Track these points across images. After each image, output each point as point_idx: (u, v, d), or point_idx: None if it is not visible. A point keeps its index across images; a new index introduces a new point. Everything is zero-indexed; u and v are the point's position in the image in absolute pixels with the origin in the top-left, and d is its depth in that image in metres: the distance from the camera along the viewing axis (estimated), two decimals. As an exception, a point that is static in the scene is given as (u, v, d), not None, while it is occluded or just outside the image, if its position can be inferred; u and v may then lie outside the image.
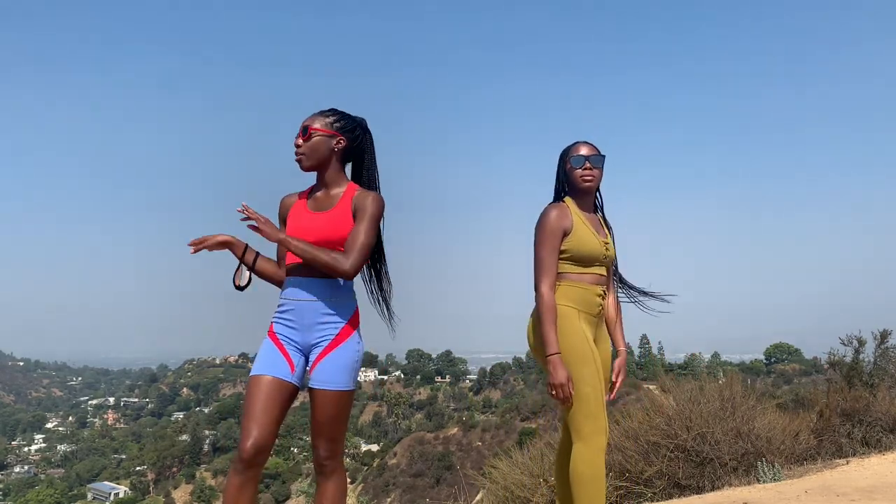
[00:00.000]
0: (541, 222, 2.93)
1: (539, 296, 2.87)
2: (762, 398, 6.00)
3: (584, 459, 2.78)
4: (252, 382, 2.51)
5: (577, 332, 2.85)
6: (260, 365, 2.53)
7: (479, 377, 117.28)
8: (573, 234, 2.91)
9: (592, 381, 2.80)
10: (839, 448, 5.66)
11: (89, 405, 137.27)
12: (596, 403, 2.80)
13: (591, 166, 2.97)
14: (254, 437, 2.39)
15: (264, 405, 2.45)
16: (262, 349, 2.58)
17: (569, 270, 2.93)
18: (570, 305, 2.88)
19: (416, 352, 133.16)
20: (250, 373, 2.54)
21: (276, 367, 2.52)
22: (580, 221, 2.95)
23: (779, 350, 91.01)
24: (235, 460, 2.42)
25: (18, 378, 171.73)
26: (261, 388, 2.47)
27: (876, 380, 6.43)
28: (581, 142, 3.05)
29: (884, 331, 6.78)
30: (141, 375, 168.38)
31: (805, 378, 48.34)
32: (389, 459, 61.21)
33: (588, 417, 2.79)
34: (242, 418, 2.46)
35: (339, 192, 2.65)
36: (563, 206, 2.97)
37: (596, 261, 2.95)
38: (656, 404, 5.63)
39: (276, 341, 2.57)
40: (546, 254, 2.89)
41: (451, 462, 53.36)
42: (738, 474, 5.01)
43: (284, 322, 2.60)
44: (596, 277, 2.96)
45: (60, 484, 79.09)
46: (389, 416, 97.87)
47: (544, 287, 2.86)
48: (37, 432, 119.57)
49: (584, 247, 2.90)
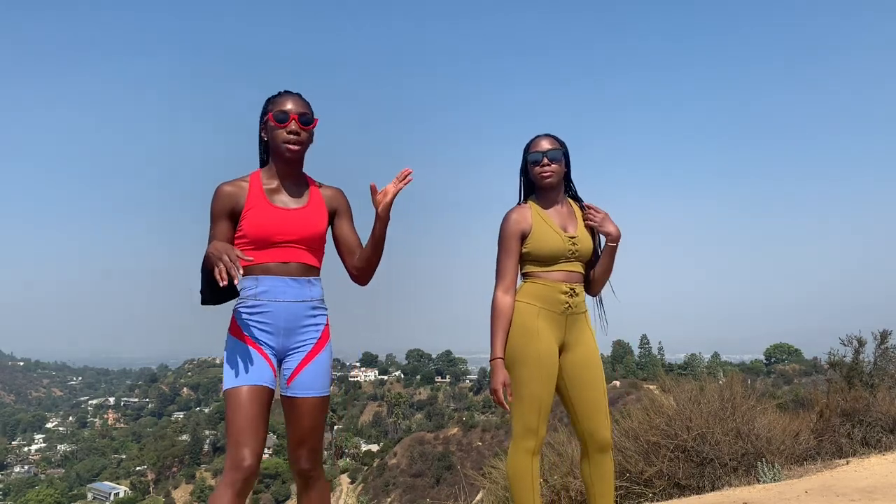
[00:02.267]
0: (500, 228, 2.91)
1: (493, 301, 2.86)
2: (762, 398, 6.00)
3: (509, 459, 2.85)
4: (242, 393, 2.30)
5: (527, 331, 2.81)
6: (248, 374, 2.33)
7: (479, 377, 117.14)
8: (532, 236, 2.86)
9: (530, 384, 2.77)
10: (839, 448, 5.66)
11: (89, 405, 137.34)
12: (530, 406, 2.77)
13: (549, 161, 2.88)
14: (256, 454, 2.24)
15: (261, 418, 2.29)
16: (240, 353, 2.36)
17: (534, 269, 2.90)
18: (529, 302, 2.85)
19: (416, 352, 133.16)
20: (235, 380, 2.32)
21: (262, 375, 2.36)
22: (541, 221, 2.89)
23: (779, 350, 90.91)
24: (237, 480, 2.22)
25: (18, 378, 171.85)
26: (253, 399, 2.30)
27: (876, 380, 6.43)
28: (541, 135, 2.95)
29: (884, 331, 6.78)
30: (141, 375, 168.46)
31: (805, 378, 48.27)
32: (389, 459, 61.20)
33: (520, 419, 2.79)
34: (240, 432, 2.25)
35: (306, 185, 2.56)
36: (523, 208, 2.94)
37: (560, 258, 2.87)
38: (656, 404, 5.62)
39: (254, 345, 2.39)
40: (503, 258, 2.89)
41: (451, 462, 53.32)
42: (738, 474, 5.00)
43: (257, 325, 2.41)
44: (564, 274, 2.88)
45: (60, 484, 79.14)
46: (389, 416, 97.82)
47: (498, 292, 2.86)
48: (37, 432, 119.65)
49: (543, 246, 2.85)
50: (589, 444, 2.91)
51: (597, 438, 2.88)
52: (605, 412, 2.92)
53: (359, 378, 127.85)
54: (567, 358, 2.90)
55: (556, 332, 2.86)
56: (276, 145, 2.47)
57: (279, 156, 2.49)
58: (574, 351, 2.90)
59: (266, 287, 2.41)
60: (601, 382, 2.94)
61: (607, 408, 2.95)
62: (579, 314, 2.92)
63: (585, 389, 2.89)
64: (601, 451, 2.90)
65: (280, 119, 2.44)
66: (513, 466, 2.81)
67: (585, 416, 2.89)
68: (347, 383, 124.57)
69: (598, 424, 2.88)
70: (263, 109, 2.54)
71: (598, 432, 2.88)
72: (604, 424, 2.90)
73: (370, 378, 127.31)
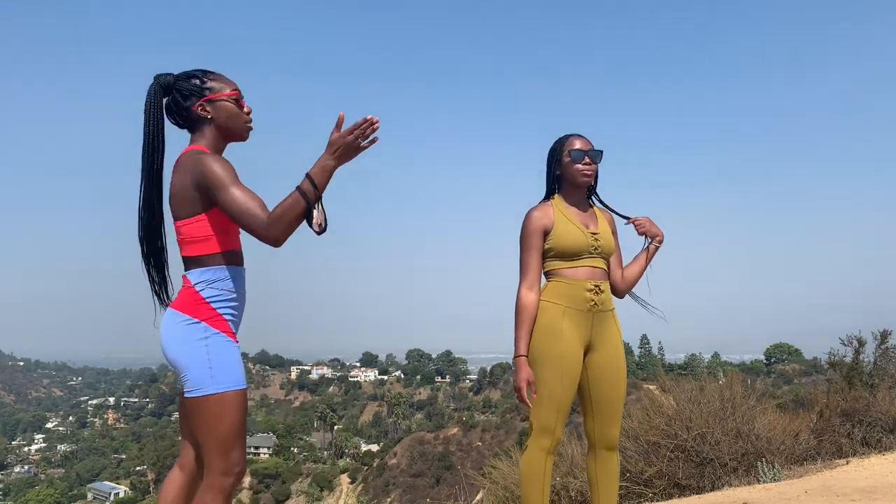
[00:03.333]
0: (522, 225, 2.92)
1: (516, 298, 2.86)
2: (762, 398, 6.00)
3: (523, 458, 2.85)
4: (244, 396, 2.25)
5: (551, 331, 2.80)
6: (243, 376, 2.26)
7: (479, 377, 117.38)
8: (554, 231, 2.86)
9: (551, 384, 2.77)
10: (839, 448, 5.66)
11: (89, 405, 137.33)
12: (549, 406, 2.77)
13: (591, 161, 2.91)
14: (244, 462, 2.22)
15: (246, 423, 2.26)
16: (235, 354, 2.26)
17: (558, 266, 2.88)
18: (553, 301, 2.84)
19: (416, 352, 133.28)
20: (239, 382, 2.23)
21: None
22: (563, 217, 2.89)
23: (779, 350, 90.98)
24: (229, 485, 2.18)
25: (18, 378, 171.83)
26: (246, 404, 2.27)
27: (876, 380, 6.43)
28: (575, 135, 2.96)
29: (884, 331, 6.78)
30: (141, 375, 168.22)
31: (805, 378, 48.31)
32: (389, 459, 61.18)
33: (537, 418, 2.79)
34: (239, 438, 2.21)
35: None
36: (545, 205, 2.94)
37: (583, 253, 2.87)
38: (656, 404, 5.62)
39: (238, 344, 2.31)
40: (525, 256, 2.88)
41: (451, 462, 53.33)
42: (738, 474, 5.00)
43: (234, 320, 2.31)
44: (588, 271, 2.87)
45: (60, 484, 79.10)
46: (389, 416, 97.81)
47: (522, 289, 2.86)
48: (37, 432, 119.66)
49: (565, 242, 2.84)
50: (598, 442, 2.92)
51: (609, 437, 2.91)
52: (622, 411, 2.95)
53: (359, 378, 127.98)
54: (593, 357, 2.89)
55: (582, 331, 2.84)
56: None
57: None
58: (600, 350, 2.90)
59: (236, 278, 2.33)
60: (624, 382, 2.94)
61: (622, 408, 2.97)
62: (606, 311, 2.91)
63: (608, 388, 2.90)
64: (609, 449, 2.92)
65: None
66: (527, 464, 2.82)
67: (601, 415, 2.90)
68: (347, 383, 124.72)
69: (613, 424, 2.91)
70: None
71: (612, 431, 2.91)
72: (617, 424, 2.92)
73: (370, 378, 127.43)
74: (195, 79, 2.37)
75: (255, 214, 2.12)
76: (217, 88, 2.37)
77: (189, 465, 2.39)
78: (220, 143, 2.40)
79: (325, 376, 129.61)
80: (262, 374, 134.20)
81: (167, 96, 2.38)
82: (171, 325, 2.24)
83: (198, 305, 2.23)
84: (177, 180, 2.27)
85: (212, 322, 2.23)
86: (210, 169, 2.18)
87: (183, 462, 2.41)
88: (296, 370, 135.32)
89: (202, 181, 2.19)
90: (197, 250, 2.26)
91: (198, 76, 2.38)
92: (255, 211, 2.13)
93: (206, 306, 2.23)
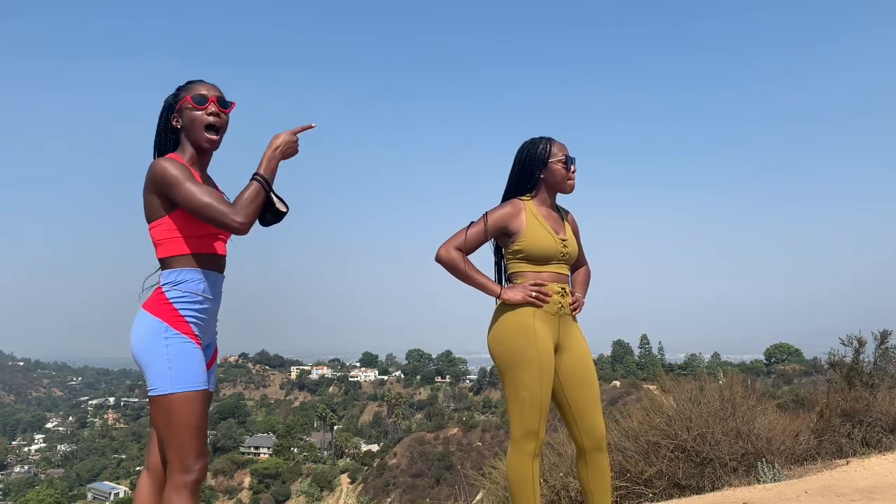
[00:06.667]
0: (491, 209, 2.91)
1: (441, 257, 2.84)
2: (762, 398, 5.99)
3: (510, 462, 2.82)
4: (202, 397, 2.26)
5: (526, 331, 2.80)
6: (203, 377, 2.27)
7: (479, 377, 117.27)
8: (525, 233, 2.86)
9: (531, 386, 2.75)
10: (839, 448, 5.65)
11: (89, 405, 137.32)
12: (531, 408, 2.75)
13: (574, 168, 2.97)
14: (205, 459, 2.23)
15: (206, 423, 2.26)
16: (196, 356, 2.27)
17: (524, 269, 2.89)
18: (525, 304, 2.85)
19: (416, 352, 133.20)
20: (197, 383, 2.24)
21: (209, 379, 2.34)
22: (535, 221, 2.89)
23: (779, 350, 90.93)
24: (191, 482, 2.19)
25: (18, 378, 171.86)
26: (205, 404, 2.27)
27: (876, 380, 6.42)
28: (555, 140, 2.98)
29: (884, 331, 6.77)
30: (141, 375, 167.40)
31: (805, 378, 48.24)
32: (389, 459, 61.14)
33: (520, 422, 2.77)
34: (196, 436, 2.21)
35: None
36: (519, 204, 2.93)
37: (552, 259, 2.89)
38: (656, 404, 5.62)
39: (200, 346, 2.31)
40: (471, 227, 2.87)
41: (451, 462, 53.32)
42: (738, 474, 5.00)
43: (198, 323, 2.32)
44: (553, 276, 2.89)
45: (60, 484, 79.04)
46: (389, 416, 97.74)
47: (441, 248, 2.85)
48: (37, 432, 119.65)
49: (537, 246, 2.85)
50: (586, 443, 2.90)
51: (595, 436, 2.88)
52: (601, 410, 2.93)
53: (359, 378, 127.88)
54: (562, 358, 2.89)
55: (551, 332, 2.86)
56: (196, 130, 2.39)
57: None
58: (568, 351, 2.90)
59: (207, 282, 2.34)
60: (596, 381, 2.96)
61: (600, 405, 2.96)
62: (569, 314, 2.94)
63: (582, 388, 2.89)
64: (598, 450, 2.90)
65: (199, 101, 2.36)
66: (514, 469, 2.79)
67: (582, 415, 2.89)
68: (347, 383, 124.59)
69: (596, 422, 2.89)
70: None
71: (597, 429, 2.88)
72: (600, 422, 2.90)
73: (370, 378, 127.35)
74: (176, 91, 2.40)
75: (218, 206, 2.21)
76: (182, 96, 2.37)
77: (155, 465, 2.40)
78: (198, 154, 2.41)
79: (325, 376, 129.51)
80: (262, 374, 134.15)
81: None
82: (138, 324, 2.29)
83: (162, 306, 2.27)
84: (144, 188, 2.33)
85: (173, 323, 2.26)
86: (162, 169, 2.23)
87: (150, 463, 2.42)
88: (296, 370, 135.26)
89: (158, 182, 2.25)
90: (163, 252, 2.32)
91: (180, 87, 2.40)
92: (216, 203, 2.21)
93: (169, 307, 2.27)
